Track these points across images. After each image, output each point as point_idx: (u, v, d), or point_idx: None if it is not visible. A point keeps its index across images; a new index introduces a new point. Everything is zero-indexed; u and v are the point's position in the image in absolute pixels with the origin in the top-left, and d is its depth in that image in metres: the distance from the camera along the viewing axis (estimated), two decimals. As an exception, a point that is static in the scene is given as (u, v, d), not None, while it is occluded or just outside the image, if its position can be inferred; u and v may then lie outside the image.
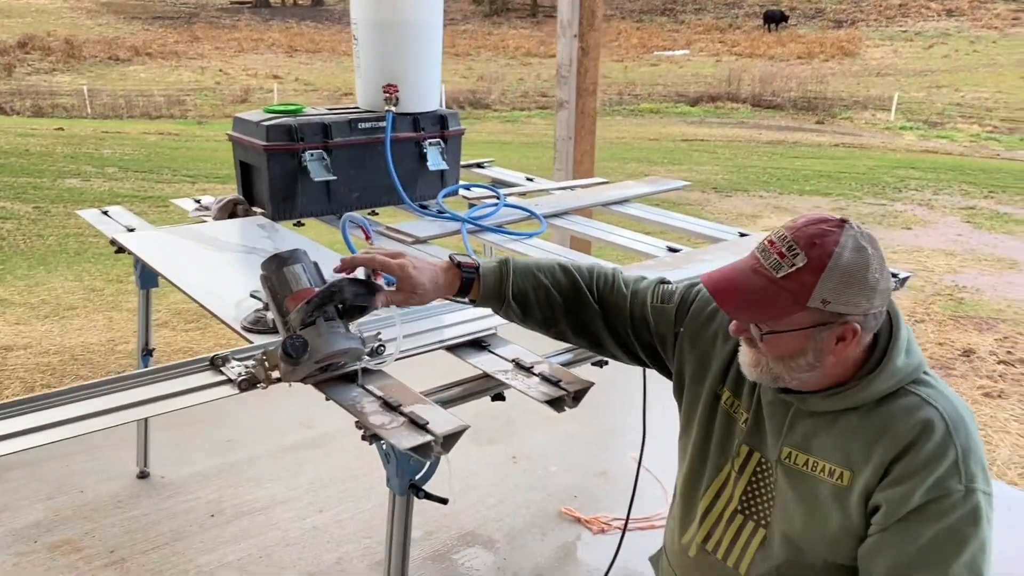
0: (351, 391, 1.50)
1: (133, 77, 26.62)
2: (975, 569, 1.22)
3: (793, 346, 1.27)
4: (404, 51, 2.62)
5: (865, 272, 1.23)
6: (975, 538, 1.22)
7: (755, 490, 1.39)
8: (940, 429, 1.24)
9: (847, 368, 1.30)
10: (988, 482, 1.25)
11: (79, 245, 7.76)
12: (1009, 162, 14.87)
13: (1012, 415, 4.24)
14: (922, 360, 1.32)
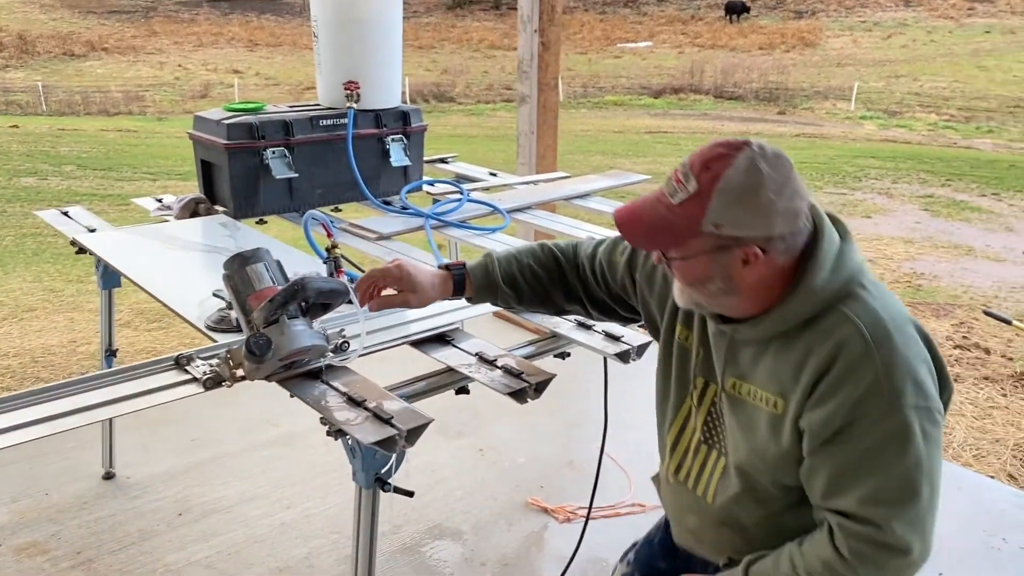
0: (316, 388, 1.51)
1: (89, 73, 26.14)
2: (908, 486, 1.20)
3: (699, 272, 1.27)
4: (364, 48, 2.62)
5: (756, 194, 1.20)
6: (906, 455, 1.20)
7: (713, 420, 1.41)
8: (858, 346, 1.21)
9: (773, 292, 1.28)
10: (924, 395, 1.21)
11: (37, 245, 7.64)
12: (965, 150, 15.17)
13: (967, 398, 4.36)
14: (854, 274, 1.27)
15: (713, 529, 1.43)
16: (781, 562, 1.29)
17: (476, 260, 1.58)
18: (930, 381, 1.24)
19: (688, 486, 1.45)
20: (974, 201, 10.16)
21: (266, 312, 1.41)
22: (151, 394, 1.45)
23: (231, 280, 1.47)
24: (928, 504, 1.21)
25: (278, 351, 1.40)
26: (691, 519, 1.48)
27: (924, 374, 1.23)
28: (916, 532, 1.21)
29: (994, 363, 4.85)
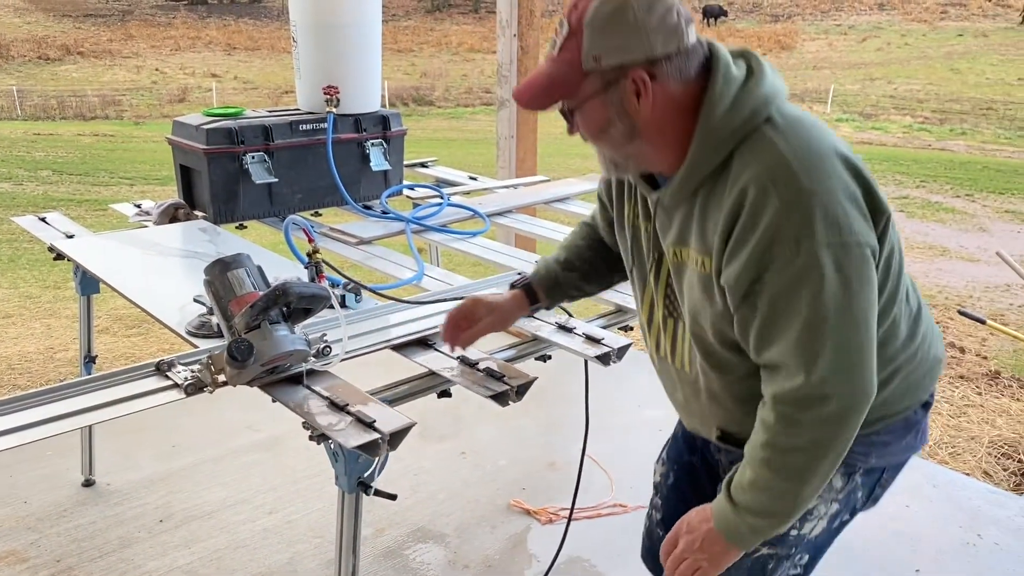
0: (298, 392, 1.51)
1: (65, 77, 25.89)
2: (826, 329, 1.16)
3: (598, 117, 1.24)
4: (344, 53, 2.62)
5: (623, 14, 1.17)
6: (820, 297, 1.15)
7: (671, 291, 1.41)
8: (757, 189, 1.16)
9: (678, 134, 1.24)
10: (838, 230, 1.15)
11: (13, 251, 7.57)
12: (939, 152, 15.37)
13: (943, 397, 4.41)
14: (758, 109, 1.21)
15: (696, 400, 1.44)
16: (744, 464, 1.27)
17: (533, 268, 1.69)
18: (852, 214, 1.17)
19: (669, 361, 1.46)
20: (948, 202, 10.30)
21: (247, 317, 1.41)
22: (132, 400, 1.45)
23: (212, 285, 1.48)
24: (855, 343, 1.18)
25: (260, 356, 1.40)
26: (679, 394, 1.49)
27: (838, 205, 1.16)
28: (842, 373, 1.17)
29: (969, 362, 4.92)
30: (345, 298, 1.89)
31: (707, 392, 1.39)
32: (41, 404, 1.42)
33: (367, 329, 1.78)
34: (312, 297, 1.48)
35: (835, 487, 1.38)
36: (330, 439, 1.39)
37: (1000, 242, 8.21)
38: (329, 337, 1.61)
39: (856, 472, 1.39)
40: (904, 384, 1.35)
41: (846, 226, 1.15)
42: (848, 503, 1.41)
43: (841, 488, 1.39)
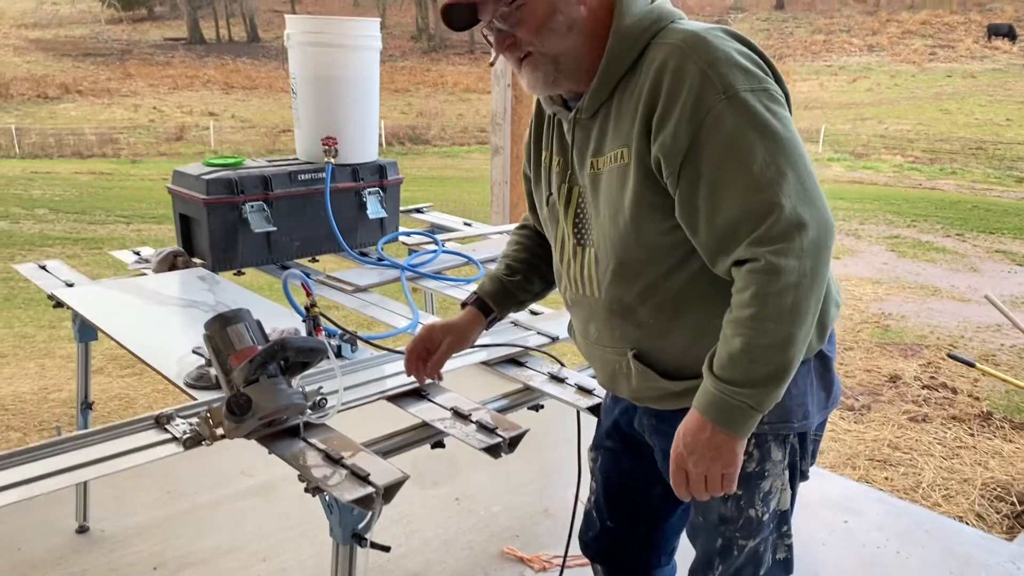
0: (294, 445, 1.54)
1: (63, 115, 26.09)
2: (781, 161, 1.19)
3: (543, 8, 1.29)
4: (342, 105, 2.69)
5: None
6: (764, 135, 1.20)
7: (580, 218, 1.46)
8: (675, 58, 1.24)
9: (601, 32, 1.31)
10: (755, 78, 1.22)
11: (8, 291, 7.58)
12: (930, 191, 15.53)
13: (936, 438, 4.43)
14: (666, 15, 1.32)
15: (608, 326, 1.45)
16: (727, 336, 1.24)
17: (480, 282, 1.75)
18: (758, 68, 1.25)
19: (581, 292, 1.49)
20: (939, 242, 10.38)
21: (246, 372, 1.44)
22: (130, 454, 1.47)
23: (212, 340, 1.51)
24: (807, 174, 1.22)
25: (258, 411, 1.43)
26: (591, 328, 1.50)
27: (748, 62, 1.24)
28: (805, 204, 1.19)
29: (961, 403, 4.94)
30: (341, 348, 1.92)
31: (619, 311, 1.41)
32: (39, 459, 1.45)
33: (362, 380, 1.81)
34: (310, 351, 1.51)
35: (776, 459, 1.43)
36: (325, 492, 1.41)
37: (991, 282, 8.28)
38: (325, 388, 1.63)
39: (789, 437, 1.44)
40: None
41: (759, 76, 1.24)
42: (794, 468, 1.47)
43: (782, 459, 1.44)
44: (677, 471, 1.33)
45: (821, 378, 1.44)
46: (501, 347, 2.01)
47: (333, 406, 1.61)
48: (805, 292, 1.20)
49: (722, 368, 1.24)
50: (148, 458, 1.46)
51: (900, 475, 3.93)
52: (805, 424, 1.43)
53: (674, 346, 1.39)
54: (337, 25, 2.68)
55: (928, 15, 37.46)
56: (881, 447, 4.24)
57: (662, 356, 1.40)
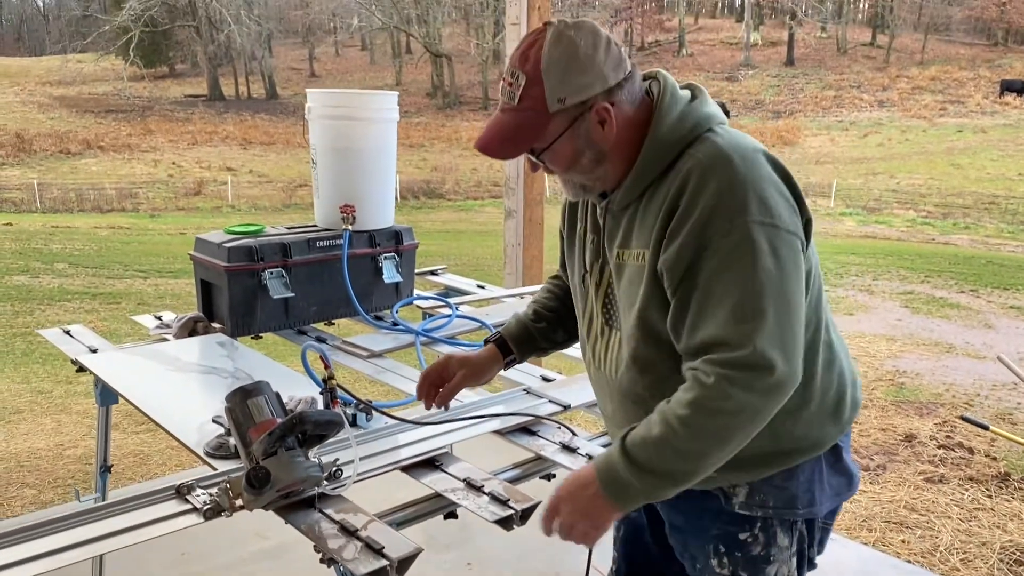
0: (309, 515, 1.57)
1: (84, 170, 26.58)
2: (763, 301, 1.22)
3: (568, 153, 1.35)
4: (360, 174, 2.76)
5: (575, 54, 1.30)
6: (756, 270, 1.22)
7: (609, 299, 1.48)
8: (697, 175, 1.27)
9: (634, 147, 1.35)
10: (770, 213, 1.24)
11: (27, 345, 7.67)
12: (943, 246, 15.54)
13: (953, 500, 4.38)
14: (701, 121, 1.34)
15: (622, 408, 1.48)
16: (652, 421, 1.28)
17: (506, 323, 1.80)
18: (780, 203, 1.26)
19: (603, 370, 1.52)
20: (953, 298, 10.35)
21: (265, 445, 1.48)
22: (151, 525, 1.50)
23: (232, 412, 1.55)
24: (788, 322, 1.23)
25: (276, 483, 1.46)
26: (608, 404, 1.54)
27: (771, 194, 1.26)
28: (777, 348, 1.22)
29: (978, 463, 4.89)
30: (356, 417, 1.95)
31: (632, 397, 1.44)
32: (59, 530, 1.47)
33: (377, 450, 1.84)
34: (327, 424, 1.55)
35: (782, 545, 1.44)
36: (340, 564, 1.44)
37: (1006, 339, 8.23)
38: (341, 458, 1.66)
39: (796, 523, 1.45)
40: (815, 416, 1.40)
41: (777, 211, 1.25)
42: (802, 556, 1.48)
43: (789, 544, 1.45)
44: (551, 509, 1.36)
45: (833, 467, 1.46)
46: (514, 416, 2.03)
47: (349, 477, 1.64)
48: (739, 425, 1.24)
49: (633, 445, 1.28)
50: (169, 529, 1.49)
51: (917, 538, 3.88)
52: (811, 511, 1.44)
53: None
54: (357, 99, 2.78)
55: (938, 71, 37.88)
56: (897, 509, 4.20)
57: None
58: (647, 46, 48.37)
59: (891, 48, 41.88)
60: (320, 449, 1.69)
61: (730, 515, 1.44)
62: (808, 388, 1.37)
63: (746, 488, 1.42)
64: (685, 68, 43.24)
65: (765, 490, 1.42)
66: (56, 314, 8.97)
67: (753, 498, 1.42)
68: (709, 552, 1.48)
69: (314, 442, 1.58)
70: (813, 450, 1.42)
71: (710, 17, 56.50)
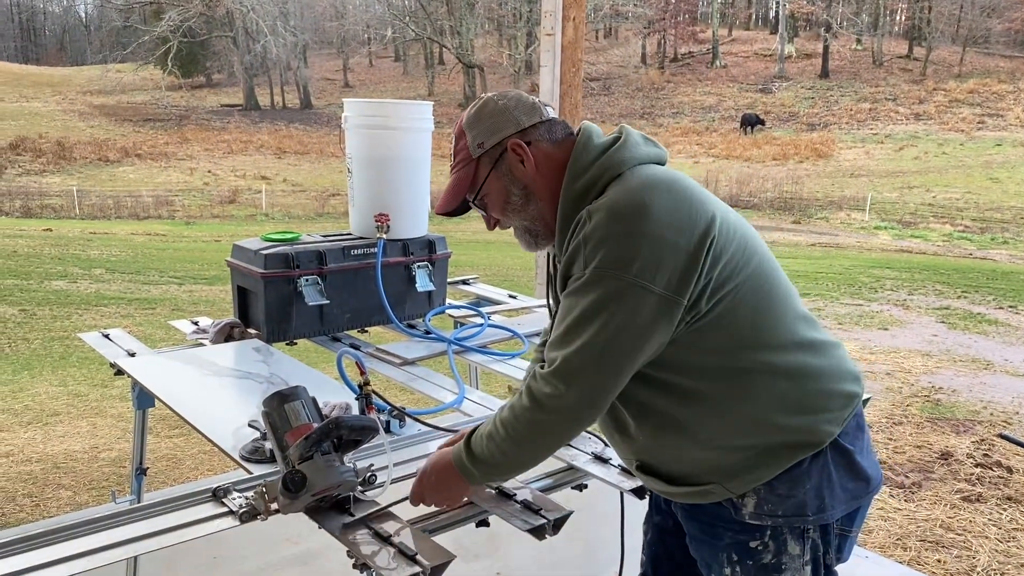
0: (343, 520, 1.58)
1: (122, 178, 27.04)
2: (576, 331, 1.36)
3: (499, 193, 1.54)
4: (395, 183, 2.79)
5: (487, 107, 1.53)
6: (583, 306, 1.35)
7: None
8: (582, 222, 1.39)
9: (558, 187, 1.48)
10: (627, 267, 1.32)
11: (64, 349, 7.79)
12: (981, 261, 15.27)
13: (990, 519, 4.29)
14: (615, 164, 1.43)
15: (610, 438, 1.62)
16: (489, 419, 1.49)
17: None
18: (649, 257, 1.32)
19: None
20: (991, 314, 10.17)
21: (302, 449, 1.49)
22: (187, 527, 1.52)
23: (270, 416, 1.56)
24: (593, 359, 1.35)
25: (312, 487, 1.48)
26: (611, 436, 1.64)
27: (641, 248, 1.32)
28: (573, 375, 1.36)
29: (1017, 482, 4.79)
30: (390, 423, 1.97)
31: (618, 427, 1.55)
32: (98, 531, 1.50)
33: (410, 456, 1.85)
34: (362, 429, 1.56)
35: (793, 553, 1.46)
36: (373, 570, 1.44)
37: (1046, 357, 8.07)
38: (375, 464, 1.67)
39: (808, 531, 1.46)
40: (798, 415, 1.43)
41: (640, 269, 1.32)
42: (817, 564, 1.48)
43: (801, 552, 1.46)
44: (417, 483, 1.58)
45: (845, 470, 1.46)
46: (546, 425, 2.03)
47: (383, 482, 1.65)
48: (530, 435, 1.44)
49: (475, 437, 1.51)
50: (205, 531, 1.51)
51: (953, 558, 3.81)
52: (823, 517, 1.44)
53: (668, 459, 1.51)
54: (392, 108, 2.81)
55: (976, 84, 37.34)
56: (933, 528, 4.13)
57: (661, 468, 1.52)
58: (680, 57, 48.23)
59: (928, 61, 41.37)
60: (354, 455, 1.70)
61: (741, 524, 1.47)
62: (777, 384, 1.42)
63: (754, 497, 1.45)
64: (718, 79, 43.08)
65: (772, 499, 1.44)
66: (93, 319, 9.12)
67: (762, 507, 1.45)
68: (723, 561, 1.51)
69: (349, 447, 1.59)
70: (813, 445, 1.43)
71: (744, 29, 56.22)
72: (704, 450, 1.42)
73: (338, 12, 49.72)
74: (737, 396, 1.41)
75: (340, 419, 1.51)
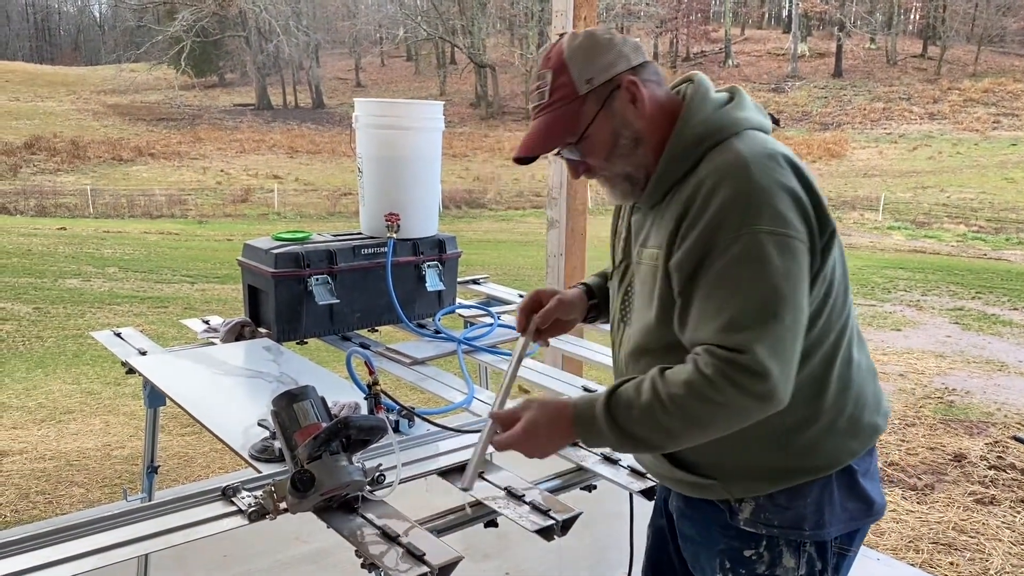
0: (351, 520, 1.58)
1: (136, 177, 27.20)
2: (763, 309, 1.23)
3: (606, 136, 1.37)
4: (405, 183, 2.79)
5: (596, 40, 1.36)
6: (761, 279, 1.23)
7: (626, 296, 1.51)
8: (713, 180, 1.28)
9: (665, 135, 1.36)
10: (782, 222, 1.24)
11: (78, 347, 7.85)
12: (995, 262, 15.17)
13: (1004, 522, 4.27)
14: (728, 126, 1.34)
15: None
16: (643, 388, 1.30)
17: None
18: (793, 212, 1.26)
19: (615, 361, 1.56)
20: (1006, 315, 10.10)
21: (311, 448, 1.50)
22: (197, 526, 1.52)
23: (279, 416, 1.57)
24: (788, 331, 1.24)
25: (320, 487, 1.48)
26: None
27: (784, 203, 1.25)
28: (775, 357, 1.22)
29: (1031, 486, 4.77)
30: (399, 423, 1.97)
31: None
32: (109, 528, 1.50)
33: (419, 456, 1.85)
34: (371, 429, 1.56)
35: (788, 566, 1.42)
36: (381, 569, 1.44)
37: (1061, 358, 8.01)
38: (383, 464, 1.67)
39: (804, 545, 1.41)
40: (824, 434, 1.38)
41: (788, 220, 1.25)
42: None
43: (796, 566, 1.42)
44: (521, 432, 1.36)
45: (847, 490, 1.42)
46: (555, 425, 2.03)
47: (391, 482, 1.65)
48: (721, 418, 1.26)
49: (618, 403, 1.31)
50: (214, 530, 1.52)
51: (966, 560, 3.79)
52: (819, 534, 1.41)
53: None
54: (403, 108, 2.81)
55: (991, 83, 37.08)
56: (946, 530, 4.10)
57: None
58: (692, 57, 48.12)
59: (943, 60, 41.11)
60: (363, 454, 1.70)
61: (736, 531, 1.44)
62: (818, 402, 1.37)
63: (752, 504, 1.41)
64: (731, 79, 42.88)
65: (770, 508, 1.41)
66: (106, 317, 9.18)
67: (758, 515, 1.41)
68: (716, 566, 1.48)
69: (358, 447, 1.59)
70: (821, 470, 1.39)
71: (757, 28, 56.02)
72: (722, 442, 1.32)
73: (350, 12, 49.85)
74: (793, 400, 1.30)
75: (348, 419, 1.51)
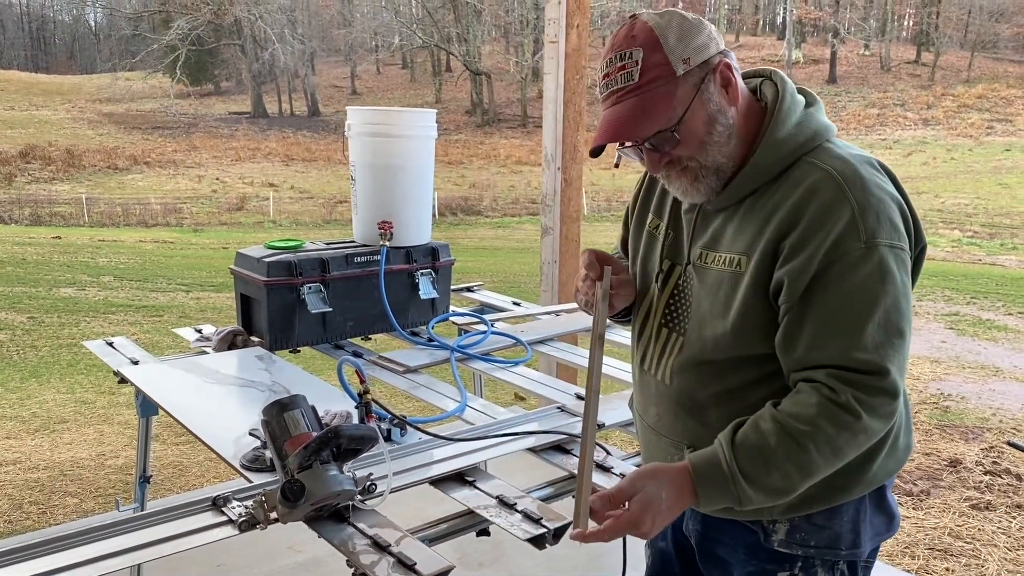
0: (342, 530, 1.57)
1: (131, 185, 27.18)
2: (890, 327, 1.19)
3: (701, 121, 1.27)
4: (398, 191, 2.79)
5: (686, 20, 1.26)
6: (885, 295, 1.19)
7: (676, 300, 1.42)
8: (830, 189, 1.22)
9: (751, 131, 1.30)
10: (898, 235, 1.21)
11: (72, 356, 7.83)
12: (990, 267, 15.21)
13: (1000, 528, 4.26)
14: (820, 131, 1.29)
15: (672, 416, 1.42)
16: (765, 430, 1.21)
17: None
18: (902, 224, 1.24)
19: (652, 373, 1.46)
20: (1000, 320, 10.12)
21: (301, 458, 1.49)
22: (187, 536, 1.51)
23: (269, 425, 1.56)
24: (907, 348, 1.21)
25: (310, 496, 1.47)
26: (652, 411, 1.47)
27: (897, 215, 1.23)
28: (903, 377, 1.21)
29: (1026, 490, 4.77)
30: (390, 432, 1.96)
31: (689, 406, 1.38)
32: (99, 539, 1.49)
33: (411, 465, 1.84)
34: (361, 439, 1.56)
35: None
36: (372, 579, 1.44)
37: (1055, 363, 8.02)
38: (375, 473, 1.67)
39: (838, 564, 1.39)
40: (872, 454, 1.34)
41: (902, 233, 1.23)
42: None
43: None
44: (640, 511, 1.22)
45: (877, 507, 1.40)
46: (547, 434, 2.03)
47: (382, 492, 1.64)
48: (853, 446, 1.22)
49: (742, 453, 1.22)
50: (204, 540, 1.51)
51: (962, 567, 3.78)
52: (855, 553, 1.39)
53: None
54: (396, 116, 2.81)
55: (985, 89, 37.25)
56: (942, 536, 4.10)
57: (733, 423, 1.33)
58: (687, 64, 48.18)
59: (936, 66, 41.30)
60: (354, 463, 1.70)
61: (768, 552, 1.39)
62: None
63: (786, 525, 1.37)
64: (725, 86, 42.98)
65: (806, 528, 1.36)
66: (101, 326, 9.16)
67: (794, 536, 1.37)
68: None
69: (348, 456, 1.59)
70: (860, 489, 1.36)
71: (751, 35, 56.21)
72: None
73: (346, 20, 49.95)
74: None
75: (338, 428, 1.51)
